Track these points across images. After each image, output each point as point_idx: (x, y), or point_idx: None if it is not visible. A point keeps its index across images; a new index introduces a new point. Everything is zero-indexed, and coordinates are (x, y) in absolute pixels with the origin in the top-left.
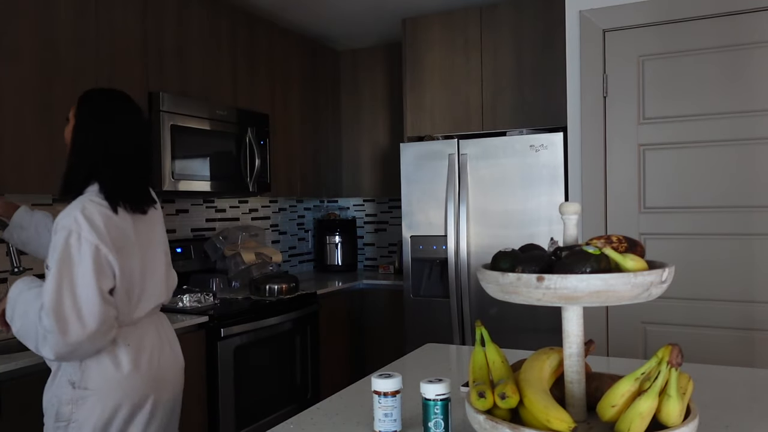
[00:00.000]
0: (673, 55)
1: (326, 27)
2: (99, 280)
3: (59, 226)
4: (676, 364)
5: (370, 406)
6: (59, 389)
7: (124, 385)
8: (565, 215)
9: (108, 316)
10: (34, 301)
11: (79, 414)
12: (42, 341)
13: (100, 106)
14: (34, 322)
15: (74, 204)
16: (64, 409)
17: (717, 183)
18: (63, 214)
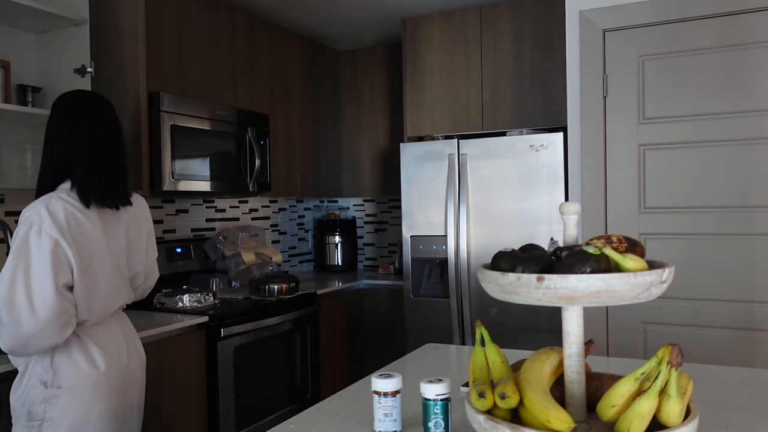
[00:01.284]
0: (673, 55)
1: (326, 27)
2: (56, 274)
3: (22, 219)
4: (676, 364)
5: (370, 406)
6: (29, 389)
7: (98, 383)
8: (565, 215)
9: (63, 311)
10: None
11: (53, 412)
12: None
13: (71, 108)
14: None
15: (41, 199)
16: (36, 409)
17: (717, 183)
18: (29, 207)
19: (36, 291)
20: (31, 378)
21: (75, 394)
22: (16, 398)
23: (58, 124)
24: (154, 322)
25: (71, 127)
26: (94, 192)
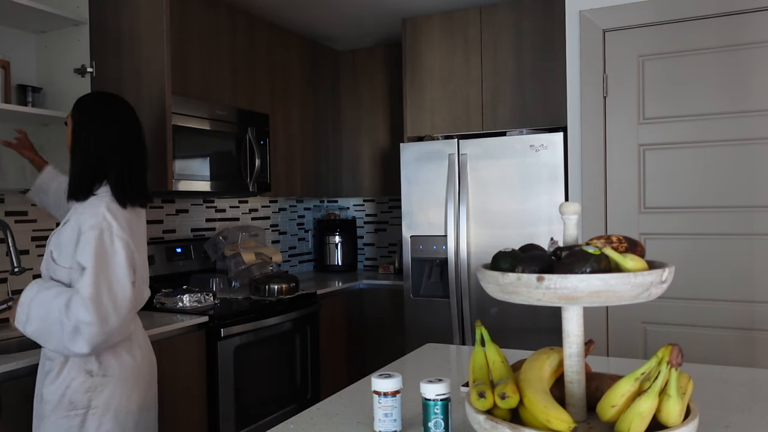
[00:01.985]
0: (673, 55)
1: (326, 27)
2: (130, 272)
3: (87, 226)
4: (676, 364)
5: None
6: (70, 380)
7: (136, 373)
8: (565, 215)
9: (134, 306)
10: (55, 299)
11: (98, 400)
12: (72, 336)
13: (100, 110)
14: (58, 320)
15: (94, 204)
16: (80, 398)
17: (717, 183)
18: (87, 214)
19: (117, 289)
20: (72, 369)
21: (119, 383)
22: (54, 389)
23: (87, 128)
24: (154, 322)
25: (102, 130)
26: (130, 193)
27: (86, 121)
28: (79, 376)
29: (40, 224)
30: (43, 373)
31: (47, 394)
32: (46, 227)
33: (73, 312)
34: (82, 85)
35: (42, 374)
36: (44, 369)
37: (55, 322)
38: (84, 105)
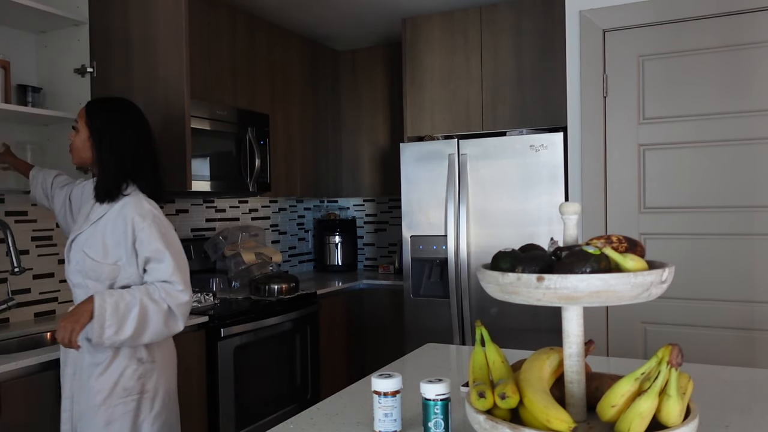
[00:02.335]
0: (673, 55)
1: (326, 27)
2: None
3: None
4: (676, 364)
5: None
6: (123, 368)
7: (172, 357)
8: (565, 215)
9: None
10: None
11: (149, 385)
12: (167, 319)
13: (118, 115)
14: (157, 311)
15: (134, 200)
16: (133, 384)
17: (717, 183)
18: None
19: (187, 270)
20: (124, 358)
21: (163, 368)
22: (105, 380)
23: (110, 132)
24: None
25: (124, 134)
26: (157, 191)
27: (108, 126)
28: (132, 364)
29: (40, 224)
30: (89, 367)
31: (98, 384)
32: (46, 227)
33: (166, 297)
34: (82, 85)
35: (86, 368)
36: (87, 363)
37: (154, 315)
38: (101, 110)
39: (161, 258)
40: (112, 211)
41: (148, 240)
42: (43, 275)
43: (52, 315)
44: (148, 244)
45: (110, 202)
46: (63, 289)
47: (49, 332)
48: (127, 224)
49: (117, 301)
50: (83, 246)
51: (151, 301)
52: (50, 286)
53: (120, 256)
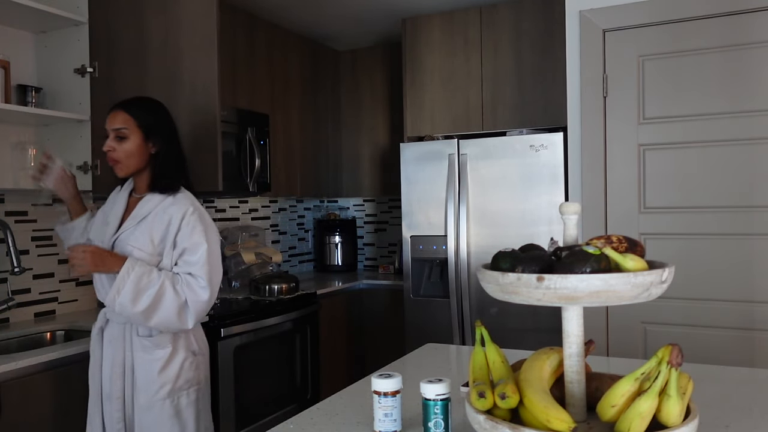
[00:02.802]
0: (673, 55)
1: (326, 27)
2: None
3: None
4: (676, 364)
5: (370, 406)
6: (182, 361)
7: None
8: (565, 215)
9: None
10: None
11: (200, 376)
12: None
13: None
14: (173, 300)
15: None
16: (192, 375)
17: (717, 183)
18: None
19: (219, 268)
20: (182, 351)
21: (205, 358)
22: (169, 373)
23: (161, 129)
24: None
25: (172, 132)
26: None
27: (159, 122)
28: (189, 356)
29: (40, 224)
30: (148, 363)
31: (163, 378)
32: (46, 227)
33: (187, 289)
34: (82, 85)
35: (145, 366)
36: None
37: (169, 301)
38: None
39: (195, 250)
40: (160, 208)
41: (190, 233)
42: (43, 275)
43: (52, 315)
44: (189, 236)
45: (171, 194)
46: (63, 289)
47: (49, 332)
48: (174, 217)
49: (142, 274)
50: (129, 241)
51: (171, 288)
52: (50, 286)
53: (163, 247)
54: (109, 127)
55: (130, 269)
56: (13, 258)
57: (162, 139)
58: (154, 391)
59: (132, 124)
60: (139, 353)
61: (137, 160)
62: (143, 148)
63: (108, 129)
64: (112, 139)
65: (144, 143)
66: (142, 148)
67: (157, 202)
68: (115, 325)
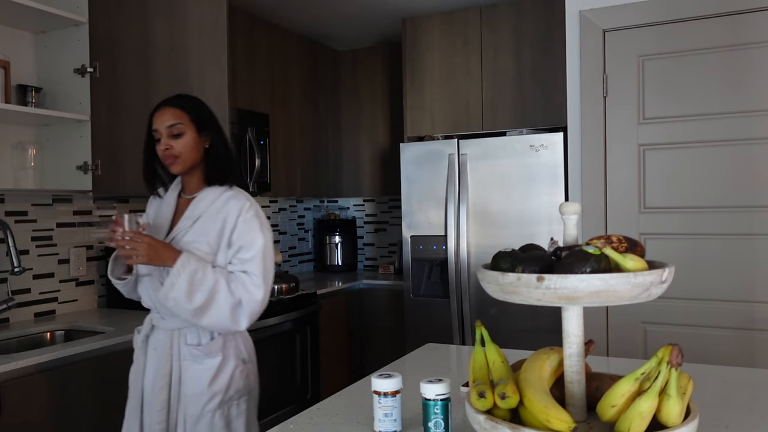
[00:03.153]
0: (673, 55)
1: (326, 27)
2: None
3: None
4: (676, 364)
5: (370, 406)
6: (232, 370)
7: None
8: (565, 215)
9: None
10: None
11: (250, 384)
12: (233, 312)
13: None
14: (227, 298)
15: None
16: (242, 384)
17: (717, 183)
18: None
19: (272, 269)
20: (231, 359)
21: (254, 365)
22: (220, 383)
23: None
24: None
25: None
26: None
27: (209, 115)
28: (239, 365)
29: (40, 224)
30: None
31: (214, 388)
32: (46, 227)
33: (242, 288)
34: (82, 85)
35: (195, 376)
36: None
37: (223, 299)
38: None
39: (250, 247)
40: (214, 207)
41: (247, 230)
42: (43, 275)
43: (53, 315)
44: (245, 233)
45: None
46: (63, 289)
47: (49, 332)
48: (231, 215)
49: (196, 269)
50: (184, 243)
51: (225, 285)
52: (50, 286)
53: (220, 245)
54: (160, 126)
55: (185, 263)
56: (13, 258)
57: (213, 132)
58: (203, 402)
59: (185, 118)
60: (188, 363)
61: (196, 153)
62: (198, 142)
63: (159, 129)
64: (166, 137)
65: (198, 137)
66: (198, 141)
67: (212, 199)
68: (161, 332)
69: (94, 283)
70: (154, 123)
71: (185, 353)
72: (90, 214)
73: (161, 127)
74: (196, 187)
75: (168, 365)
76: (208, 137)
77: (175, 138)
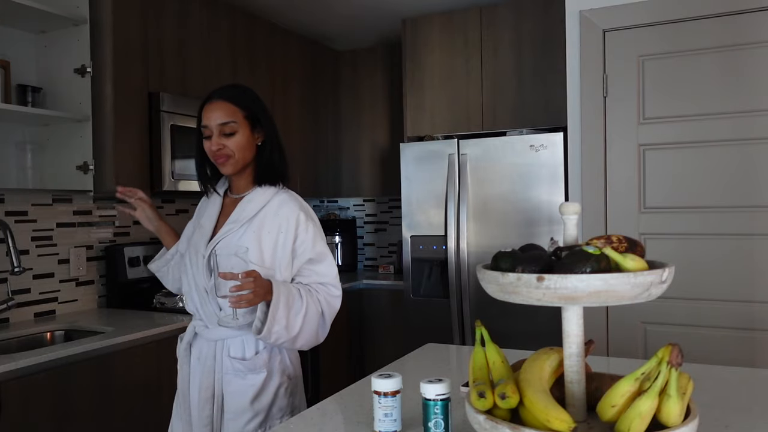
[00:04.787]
0: (673, 55)
1: (326, 27)
2: None
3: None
4: (676, 364)
5: (370, 406)
6: (277, 388)
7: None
8: (565, 215)
9: None
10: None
11: (295, 401)
12: (320, 328)
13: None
14: (315, 316)
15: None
16: (285, 402)
17: (717, 183)
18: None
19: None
20: (276, 376)
21: (300, 380)
22: (264, 401)
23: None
24: (154, 322)
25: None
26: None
27: (262, 112)
28: (284, 381)
29: (40, 224)
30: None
31: (256, 407)
32: (46, 227)
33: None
34: (82, 85)
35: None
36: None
37: (309, 320)
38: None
39: (322, 259)
40: (266, 212)
41: (312, 240)
42: (43, 275)
43: (53, 315)
44: (312, 244)
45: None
46: (63, 289)
47: (49, 332)
48: (290, 223)
49: (288, 296)
50: (231, 247)
51: (313, 304)
52: (50, 286)
53: (277, 258)
54: (211, 123)
55: (279, 294)
56: (13, 258)
57: (266, 128)
58: (245, 421)
59: (239, 115)
60: (230, 377)
61: (249, 153)
62: (252, 139)
63: (210, 126)
64: (218, 135)
65: (252, 134)
66: (251, 139)
67: (262, 202)
68: (204, 342)
69: (94, 283)
70: (204, 118)
71: (228, 366)
72: (90, 214)
73: (212, 124)
74: (244, 187)
75: (211, 378)
76: (262, 134)
77: (228, 137)
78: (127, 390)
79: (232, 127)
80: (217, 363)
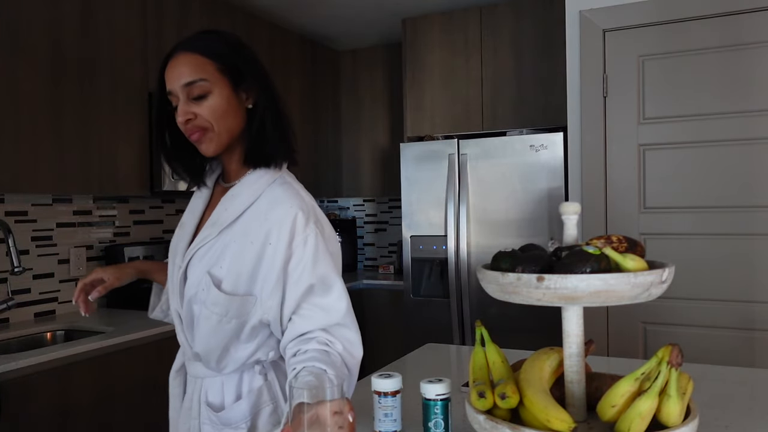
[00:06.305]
0: (673, 55)
1: (326, 27)
2: None
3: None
4: (676, 364)
5: (370, 406)
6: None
7: None
8: (565, 215)
9: None
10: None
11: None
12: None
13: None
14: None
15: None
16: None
17: (717, 183)
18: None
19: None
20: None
21: None
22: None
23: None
24: (154, 322)
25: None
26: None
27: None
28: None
29: (40, 224)
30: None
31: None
32: (46, 227)
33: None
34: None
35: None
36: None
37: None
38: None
39: (329, 287)
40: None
41: (312, 259)
42: (43, 275)
43: (52, 315)
44: (312, 265)
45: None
46: (63, 289)
47: (49, 332)
48: (281, 231)
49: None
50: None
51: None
52: (50, 286)
53: (259, 284)
54: (174, 85)
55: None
56: (13, 258)
57: (258, 86)
58: None
59: (210, 69)
60: (207, 427)
61: (234, 121)
62: (235, 101)
63: (174, 89)
64: (184, 102)
65: (234, 94)
66: (234, 101)
67: (252, 196)
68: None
69: None
70: (167, 82)
71: (204, 415)
72: (90, 214)
73: (176, 87)
74: (235, 173)
75: (189, 422)
76: (251, 94)
77: (198, 101)
78: (127, 390)
79: (202, 86)
80: (195, 404)
